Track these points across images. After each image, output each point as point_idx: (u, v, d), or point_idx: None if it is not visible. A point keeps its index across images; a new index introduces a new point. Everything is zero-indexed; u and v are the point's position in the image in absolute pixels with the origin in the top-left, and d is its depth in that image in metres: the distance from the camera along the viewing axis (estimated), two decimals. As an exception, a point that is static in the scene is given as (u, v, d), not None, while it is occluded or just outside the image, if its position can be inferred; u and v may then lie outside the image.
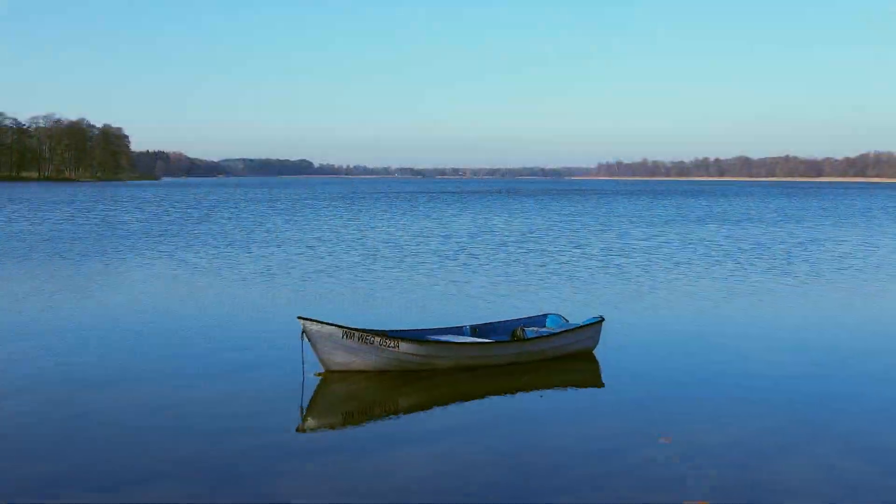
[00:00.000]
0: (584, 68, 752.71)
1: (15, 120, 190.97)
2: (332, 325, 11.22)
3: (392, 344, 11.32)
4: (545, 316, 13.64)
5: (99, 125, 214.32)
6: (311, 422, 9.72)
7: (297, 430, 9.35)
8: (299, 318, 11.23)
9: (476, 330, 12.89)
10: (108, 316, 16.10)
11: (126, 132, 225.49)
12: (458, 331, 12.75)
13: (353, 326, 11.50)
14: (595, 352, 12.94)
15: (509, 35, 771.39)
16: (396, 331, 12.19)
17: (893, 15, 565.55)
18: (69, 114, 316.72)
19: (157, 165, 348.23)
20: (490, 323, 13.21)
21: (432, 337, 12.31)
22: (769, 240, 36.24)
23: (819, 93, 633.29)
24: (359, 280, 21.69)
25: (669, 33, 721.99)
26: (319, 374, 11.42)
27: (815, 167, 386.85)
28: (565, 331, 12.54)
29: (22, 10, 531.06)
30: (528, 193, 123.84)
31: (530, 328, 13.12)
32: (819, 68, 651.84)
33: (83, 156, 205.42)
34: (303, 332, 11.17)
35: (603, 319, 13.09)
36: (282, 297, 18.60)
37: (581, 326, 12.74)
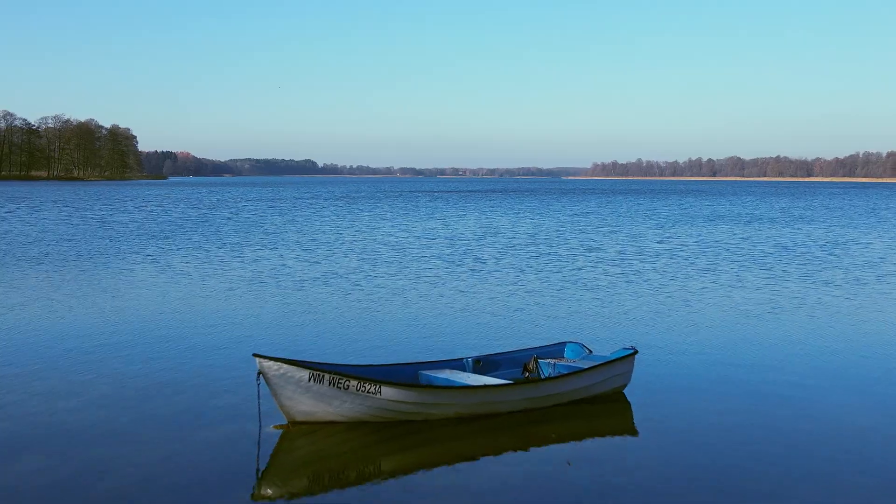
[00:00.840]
0: (582, 68, 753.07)
1: (24, 120, 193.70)
2: (296, 363, 8.70)
3: (373, 388, 8.82)
4: (563, 345, 11.24)
5: (107, 125, 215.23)
6: (266, 491, 7.41)
7: (252, 498, 7.14)
8: (255, 355, 8.72)
9: (480, 363, 10.47)
10: (39, 342, 13.58)
11: (134, 132, 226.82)
12: (458, 365, 10.36)
13: (323, 364, 9.09)
14: (626, 391, 10.52)
15: (509, 35, 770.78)
16: (381, 366, 9.84)
17: (887, 17, 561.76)
18: (78, 114, 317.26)
19: (165, 165, 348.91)
20: (497, 354, 10.78)
21: (426, 374, 9.95)
22: (790, 242, 34.75)
23: (812, 94, 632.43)
24: (356, 290, 19.45)
25: (667, 35, 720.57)
26: (280, 427, 8.92)
27: (805, 167, 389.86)
28: (591, 368, 10.03)
29: (29, 11, 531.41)
30: (529, 192, 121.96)
31: (545, 360, 10.75)
32: (813, 70, 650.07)
33: (91, 155, 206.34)
34: (259, 373, 8.71)
35: (636, 352, 10.61)
36: (265, 313, 16.25)
37: (610, 361, 10.20)
